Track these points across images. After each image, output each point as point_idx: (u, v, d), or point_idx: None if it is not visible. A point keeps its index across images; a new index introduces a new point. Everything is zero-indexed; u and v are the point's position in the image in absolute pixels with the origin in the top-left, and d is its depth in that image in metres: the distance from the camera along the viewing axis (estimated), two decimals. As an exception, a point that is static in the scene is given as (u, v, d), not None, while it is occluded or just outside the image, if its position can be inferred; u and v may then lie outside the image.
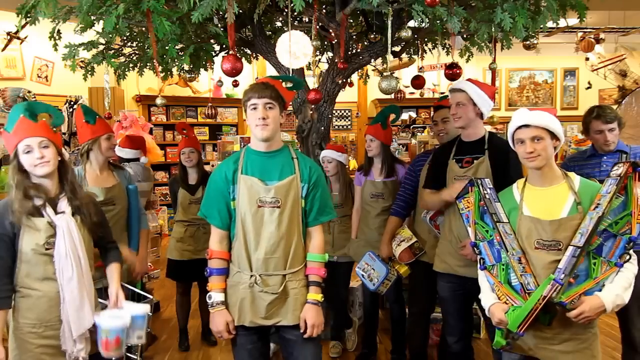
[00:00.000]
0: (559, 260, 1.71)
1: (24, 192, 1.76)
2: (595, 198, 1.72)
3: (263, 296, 1.89)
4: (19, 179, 1.77)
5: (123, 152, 3.66)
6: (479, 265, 1.91)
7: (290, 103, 2.73)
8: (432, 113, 3.02)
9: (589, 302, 1.65)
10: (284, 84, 2.02)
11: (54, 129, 1.88)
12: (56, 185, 1.84)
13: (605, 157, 2.54)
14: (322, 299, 1.96)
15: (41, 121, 1.82)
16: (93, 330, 1.83)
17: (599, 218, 1.67)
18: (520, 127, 1.82)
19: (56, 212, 1.80)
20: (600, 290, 1.68)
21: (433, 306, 2.91)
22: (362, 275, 2.84)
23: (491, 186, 1.94)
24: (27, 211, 1.75)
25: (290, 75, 2.75)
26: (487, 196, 1.89)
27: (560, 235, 1.73)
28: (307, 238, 1.99)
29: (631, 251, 1.69)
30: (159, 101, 2.90)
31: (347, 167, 3.36)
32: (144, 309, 1.96)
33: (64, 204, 1.83)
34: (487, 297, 1.86)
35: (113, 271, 2.01)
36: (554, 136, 1.81)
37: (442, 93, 6.43)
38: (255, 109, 1.86)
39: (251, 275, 1.89)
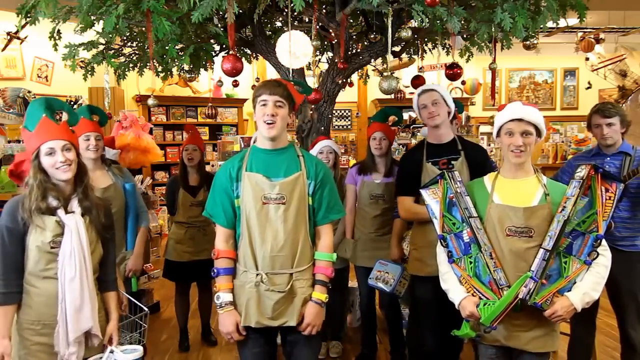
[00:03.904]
0: (530, 248, 1.78)
1: (42, 193, 1.77)
2: (562, 200, 1.79)
3: (270, 295, 1.86)
4: (41, 179, 1.78)
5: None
6: (447, 259, 1.93)
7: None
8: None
9: (560, 303, 1.75)
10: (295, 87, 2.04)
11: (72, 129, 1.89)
12: (72, 186, 1.86)
13: (608, 158, 2.51)
14: (327, 299, 1.95)
15: (62, 123, 1.83)
16: (90, 334, 1.83)
17: (565, 221, 1.75)
18: (512, 120, 1.87)
19: (67, 212, 1.81)
20: (571, 287, 1.77)
21: None
22: (376, 283, 2.79)
23: (461, 179, 1.97)
24: (40, 210, 1.76)
25: (291, 75, 2.76)
26: (459, 190, 1.93)
27: (532, 222, 1.79)
28: (315, 237, 1.98)
29: (599, 249, 1.76)
30: (150, 102, 2.91)
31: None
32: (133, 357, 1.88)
33: (74, 204, 1.84)
34: (457, 291, 1.89)
35: (111, 302, 1.97)
36: (538, 133, 1.89)
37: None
38: (264, 105, 1.87)
39: (257, 274, 1.87)
